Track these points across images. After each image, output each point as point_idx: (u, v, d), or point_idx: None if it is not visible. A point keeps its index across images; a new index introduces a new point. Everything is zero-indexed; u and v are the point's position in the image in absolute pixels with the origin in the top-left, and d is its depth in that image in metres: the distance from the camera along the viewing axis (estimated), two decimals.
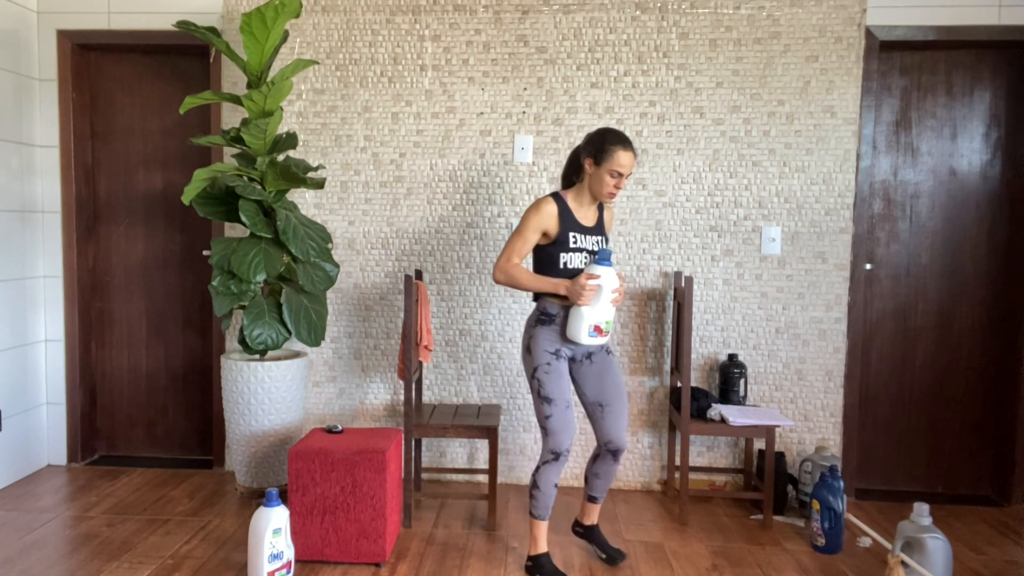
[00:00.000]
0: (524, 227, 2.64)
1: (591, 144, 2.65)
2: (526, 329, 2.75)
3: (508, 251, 2.66)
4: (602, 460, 2.77)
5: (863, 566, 2.88)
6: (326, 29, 3.66)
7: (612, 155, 2.60)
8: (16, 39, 3.62)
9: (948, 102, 3.63)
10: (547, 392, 2.65)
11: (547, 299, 2.70)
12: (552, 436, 2.66)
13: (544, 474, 2.68)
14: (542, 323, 2.70)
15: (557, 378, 2.66)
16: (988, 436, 3.69)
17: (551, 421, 2.65)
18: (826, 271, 3.58)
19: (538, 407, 2.68)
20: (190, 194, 3.10)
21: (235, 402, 3.32)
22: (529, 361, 2.71)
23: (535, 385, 2.68)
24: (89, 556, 2.82)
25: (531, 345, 2.70)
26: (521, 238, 2.65)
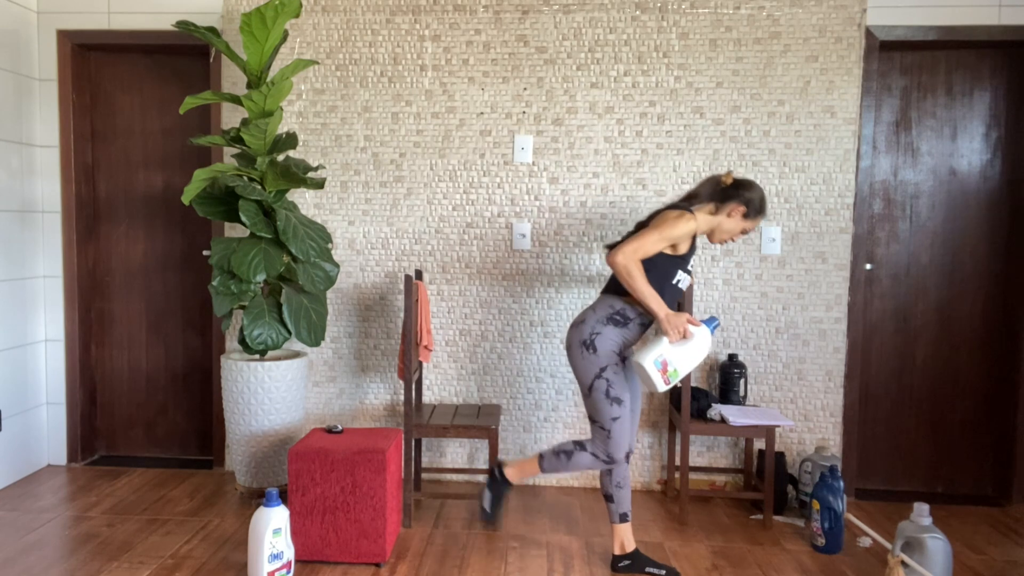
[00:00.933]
0: (664, 230, 2.54)
1: (752, 200, 2.65)
2: (588, 324, 2.64)
3: (639, 243, 2.53)
4: (618, 467, 2.72)
5: (863, 566, 2.88)
6: (326, 29, 3.66)
7: (758, 219, 2.70)
8: (16, 39, 3.62)
9: (948, 102, 3.63)
10: (617, 393, 2.61)
11: (630, 302, 2.64)
12: (614, 441, 2.63)
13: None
14: (616, 323, 2.63)
15: (624, 379, 2.64)
16: (988, 436, 3.69)
17: (619, 424, 2.62)
18: (826, 271, 3.58)
19: (604, 408, 2.61)
20: (190, 194, 3.10)
21: (235, 402, 3.32)
22: (592, 360, 2.62)
23: (602, 385, 2.61)
24: (89, 556, 2.82)
25: (597, 343, 2.61)
26: (657, 238, 2.54)
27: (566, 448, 2.73)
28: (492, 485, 2.86)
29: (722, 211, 2.67)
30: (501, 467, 2.86)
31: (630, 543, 2.77)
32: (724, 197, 2.67)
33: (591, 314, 2.67)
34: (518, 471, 2.83)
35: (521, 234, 3.65)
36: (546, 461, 2.76)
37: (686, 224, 2.58)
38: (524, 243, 3.65)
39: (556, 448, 2.75)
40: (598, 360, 2.62)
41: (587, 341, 2.63)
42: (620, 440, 2.64)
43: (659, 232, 2.55)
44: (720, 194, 2.68)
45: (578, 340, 2.66)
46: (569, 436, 3.68)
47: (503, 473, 2.85)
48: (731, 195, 2.67)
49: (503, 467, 2.86)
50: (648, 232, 2.56)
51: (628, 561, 2.76)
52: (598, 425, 2.66)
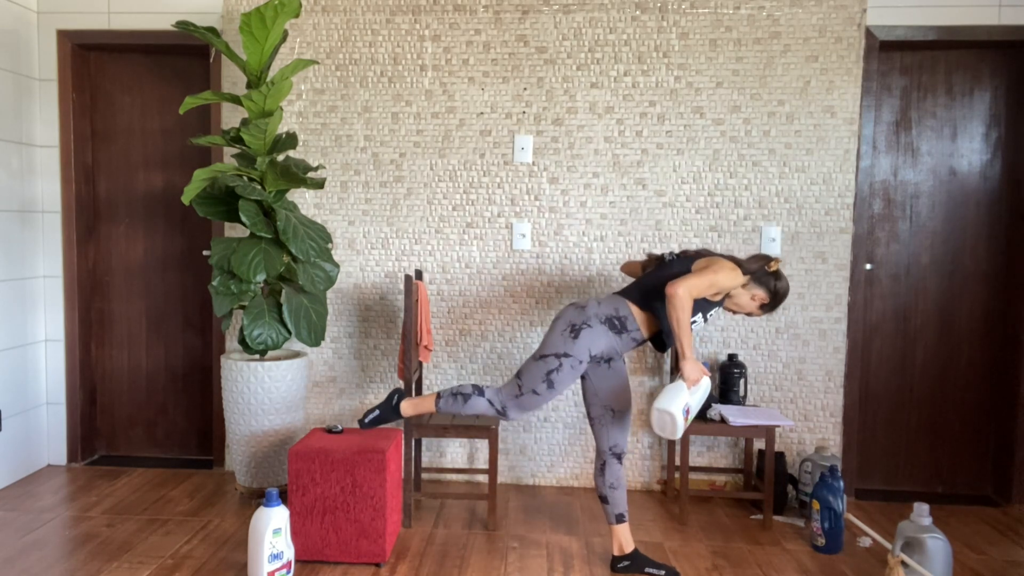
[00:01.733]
0: (720, 278, 2.59)
1: (777, 296, 2.73)
2: (586, 312, 2.66)
3: (699, 282, 2.56)
4: (610, 467, 2.73)
5: (863, 566, 2.88)
6: (326, 29, 3.66)
7: (766, 312, 2.78)
8: (16, 39, 3.62)
9: (948, 102, 3.63)
10: (557, 381, 2.66)
11: (635, 309, 2.67)
12: (519, 403, 2.71)
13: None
14: (612, 327, 2.66)
15: (573, 377, 2.68)
16: (988, 436, 3.69)
17: (535, 398, 2.69)
18: (826, 271, 3.58)
19: (535, 378, 2.67)
20: (190, 194, 3.10)
21: (235, 402, 3.32)
22: (567, 342, 2.64)
23: (553, 364, 2.64)
24: (89, 556, 2.82)
25: (582, 334, 2.64)
26: (710, 282, 2.58)
27: (464, 391, 2.78)
28: (383, 407, 2.90)
29: (750, 288, 2.73)
30: (400, 396, 2.89)
31: (628, 544, 2.77)
32: (760, 279, 2.73)
33: (594, 306, 2.69)
34: (413, 407, 2.88)
35: (521, 234, 3.65)
36: (443, 401, 2.82)
37: (735, 280, 2.65)
38: (524, 243, 3.65)
39: (454, 389, 2.81)
40: (571, 346, 2.65)
41: (576, 326, 2.66)
42: (525, 406, 2.73)
43: (714, 276, 2.60)
44: (759, 273, 2.74)
45: (568, 319, 2.69)
46: (569, 436, 3.69)
47: (399, 404, 2.88)
48: (765, 281, 2.73)
49: (401, 398, 2.89)
50: (706, 274, 2.59)
51: (627, 562, 2.76)
52: (518, 383, 2.72)
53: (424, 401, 2.87)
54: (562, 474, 3.72)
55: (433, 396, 2.85)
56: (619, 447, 2.74)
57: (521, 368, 2.75)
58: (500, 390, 2.77)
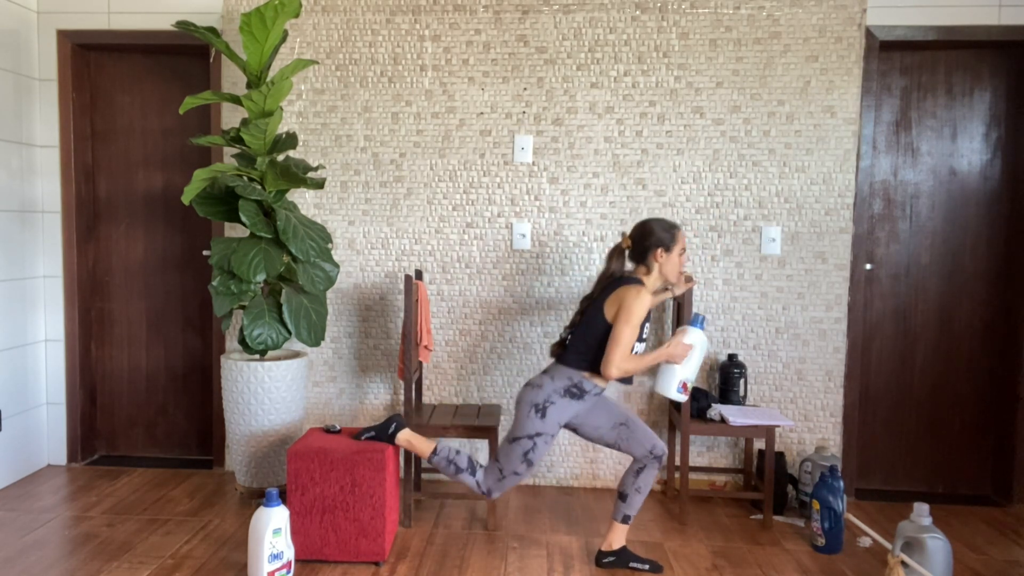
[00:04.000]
0: (633, 319, 2.61)
1: (655, 235, 2.72)
2: (545, 390, 2.72)
3: (623, 347, 2.61)
4: (648, 471, 2.75)
5: (863, 566, 2.88)
6: (326, 29, 3.66)
7: (677, 236, 2.75)
8: (16, 39, 3.62)
9: (948, 102, 3.63)
10: (533, 458, 2.75)
11: (587, 375, 2.72)
12: (500, 484, 2.79)
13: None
14: (572, 396, 2.72)
15: (546, 450, 2.78)
16: (988, 436, 3.69)
17: (515, 478, 2.78)
18: (826, 271, 3.58)
19: (513, 460, 2.75)
20: (190, 194, 3.10)
21: (235, 402, 3.32)
22: (536, 423, 2.71)
23: (527, 445, 2.72)
24: (89, 556, 2.82)
25: (549, 411, 2.71)
26: (632, 332, 2.62)
27: (460, 463, 2.82)
28: (380, 431, 2.88)
29: (653, 263, 2.75)
30: (398, 427, 2.88)
31: (619, 542, 2.81)
32: (641, 254, 2.76)
33: (548, 382, 2.74)
34: (407, 442, 2.87)
35: (521, 234, 3.65)
36: (437, 458, 2.84)
37: (645, 299, 2.65)
38: (524, 243, 3.65)
39: (451, 457, 2.83)
40: (541, 426, 2.72)
41: (540, 406, 2.72)
42: (506, 487, 2.81)
43: (628, 323, 2.62)
44: (637, 255, 2.78)
45: (530, 401, 2.74)
46: (569, 436, 3.68)
47: (396, 433, 2.87)
48: (644, 248, 2.75)
49: (400, 428, 2.88)
50: (623, 330, 2.61)
51: (613, 558, 2.81)
52: (498, 467, 2.79)
53: (420, 444, 2.87)
54: (562, 474, 3.71)
55: (430, 445, 2.86)
56: (658, 448, 2.75)
57: (498, 452, 2.82)
58: (486, 473, 2.82)
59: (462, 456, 2.85)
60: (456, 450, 2.86)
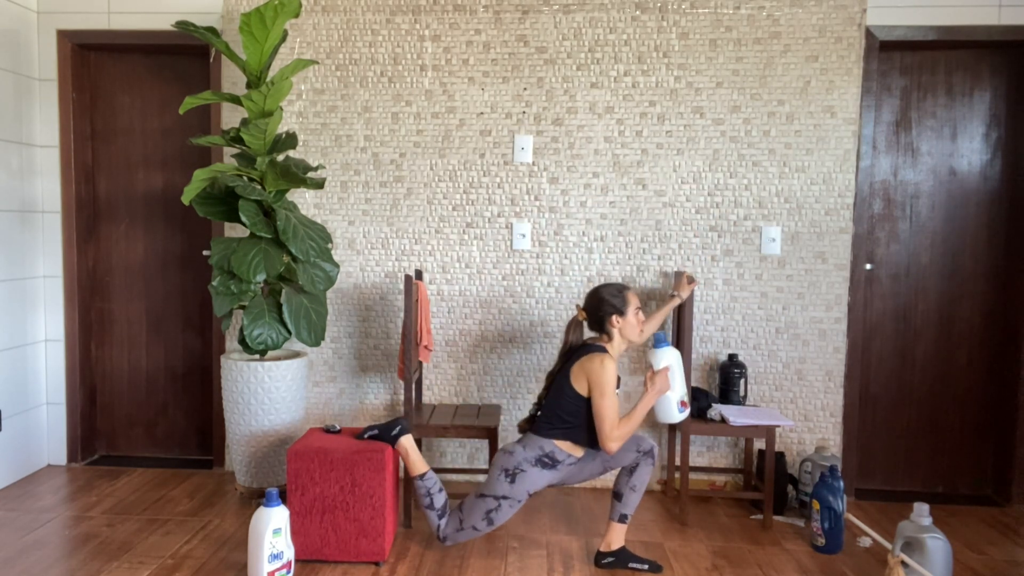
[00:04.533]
0: (607, 390, 2.66)
1: (607, 304, 2.77)
2: (516, 457, 2.74)
3: (610, 418, 2.66)
4: (642, 468, 2.77)
5: (863, 566, 2.88)
6: (326, 29, 3.66)
7: (628, 298, 2.78)
8: (16, 39, 3.62)
9: (948, 102, 3.63)
10: (495, 519, 2.78)
11: (559, 444, 2.74)
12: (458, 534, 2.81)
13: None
14: (544, 465, 2.75)
15: (510, 514, 2.79)
16: (988, 436, 3.69)
17: (472, 532, 2.80)
18: (826, 271, 3.58)
19: (476, 515, 2.78)
20: (190, 194, 3.10)
21: (235, 402, 3.32)
22: (505, 487, 2.75)
23: (491, 504, 2.76)
24: (89, 556, 2.82)
25: (518, 479, 2.74)
26: (611, 400, 2.67)
27: (436, 502, 2.83)
28: (384, 431, 2.89)
29: (612, 330, 2.78)
30: (403, 430, 2.89)
31: (618, 542, 2.81)
32: (599, 324, 2.80)
33: (520, 451, 2.76)
34: (405, 452, 2.89)
35: (521, 234, 3.65)
36: (421, 482, 2.85)
37: (611, 367, 2.69)
38: (524, 243, 3.65)
39: (433, 491, 2.84)
40: (509, 490, 2.75)
41: (510, 471, 2.75)
42: (461, 539, 2.83)
43: (606, 394, 2.67)
44: (595, 325, 2.82)
45: (501, 465, 2.77)
46: None
47: (399, 437, 2.88)
48: (600, 318, 2.79)
49: (403, 432, 2.89)
50: (603, 403, 2.66)
51: (612, 558, 2.80)
52: (460, 515, 2.81)
53: (415, 460, 2.88)
54: None
55: (424, 468, 2.87)
56: (644, 444, 2.78)
57: (463, 502, 2.83)
58: (449, 519, 2.83)
59: (441, 496, 2.86)
60: (440, 487, 2.86)
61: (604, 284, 2.85)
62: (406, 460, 2.89)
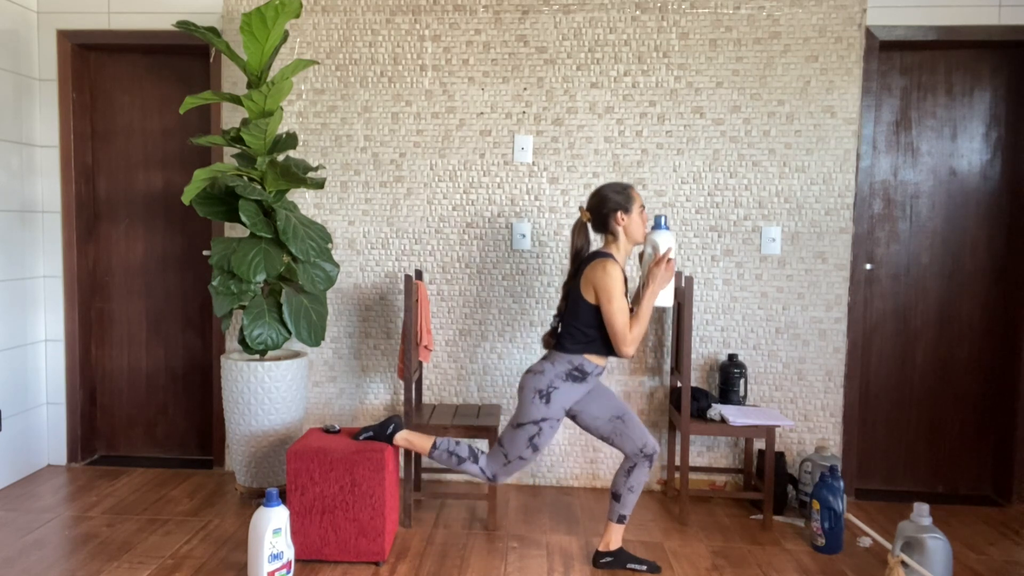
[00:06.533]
0: (614, 294, 2.62)
1: (612, 200, 2.72)
2: (547, 376, 2.72)
3: (620, 322, 2.62)
4: (639, 469, 2.76)
5: (863, 566, 2.88)
6: (326, 29, 3.66)
7: (633, 196, 2.73)
8: (16, 39, 3.62)
9: (948, 102, 3.63)
10: (539, 443, 2.75)
11: (588, 357, 2.72)
12: (506, 469, 2.79)
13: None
14: (575, 379, 2.72)
15: (553, 434, 2.78)
16: (988, 436, 3.69)
17: (521, 463, 2.79)
18: (826, 271, 3.58)
19: (519, 445, 2.75)
20: (190, 194, 3.10)
21: (235, 402, 3.32)
22: (541, 409, 2.71)
23: (532, 431, 2.73)
24: (89, 556, 2.82)
25: (553, 396, 2.71)
26: (620, 306, 2.63)
27: (460, 453, 2.83)
28: (378, 432, 2.89)
29: (616, 229, 2.74)
30: (396, 427, 2.89)
31: (616, 542, 2.81)
32: (602, 223, 2.76)
33: (550, 367, 2.74)
34: (407, 442, 2.88)
35: (521, 234, 3.65)
36: (437, 452, 2.85)
37: (614, 271, 2.65)
38: (524, 243, 3.65)
39: (452, 448, 2.83)
40: (546, 411, 2.72)
41: (544, 391, 2.72)
42: (511, 472, 2.82)
43: (613, 299, 2.63)
44: (598, 225, 2.78)
45: (534, 386, 2.73)
46: (569, 436, 3.68)
47: (394, 434, 2.88)
48: (604, 216, 2.74)
49: (398, 429, 2.89)
50: (610, 308, 2.62)
51: (611, 558, 2.80)
52: (503, 451, 2.79)
53: (419, 441, 2.88)
54: (562, 474, 3.71)
55: (429, 440, 2.87)
56: (649, 446, 2.76)
57: (502, 437, 2.81)
58: (489, 459, 2.82)
59: (462, 446, 2.85)
60: (455, 441, 2.86)
61: (608, 183, 2.78)
62: (412, 448, 2.89)
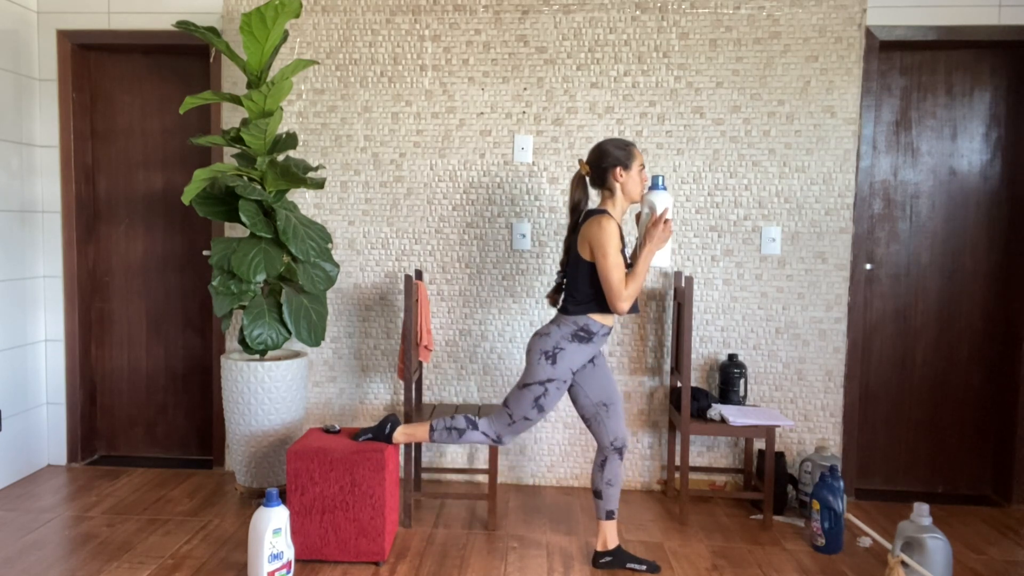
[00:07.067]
0: (609, 250, 2.59)
1: (612, 155, 2.69)
2: (553, 337, 2.70)
3: (615, 278, 2.59)
4: (611, 463, 2.76)
5: (863, 566, 2.88)
6: (326, 29, 3.66)
7: (634, 153, 2.70)
8: (16, 39, 3.62)
9: (948, 102, 3.63)
10: (545, 404, 2.74)
11: (592, 316, 2.70)
12: (512, 429, 2.80)
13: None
14: (580, 340, 2.70)
15: (559, 397, 2.76)
16: (988, 436, 3.69)
17: (526, 424, 2.78)
18: (826, 271, 3.58)
19: (524, 406, 2.74)
20: (190, 194, 3.10)
21: (235, 402, 3.32)
22: (547, 370, 2.70)
23: (538, 391, 2.71)
24: (89, 556, 2.82)
25: (559, 357, 2.69)
26: (615, 261, 2.60)
27: (458, 425, 2.83)
28: (376, 432, 2.89)
29: (615, 184, 2.71)
30: (394, 425, 2.89)
31: (613, 540, 2.80)
32: (601, 177, 2.72)
33: (555, 329, 2.72)
34: (406, 436, 2.89)
35: (521, 234, 3.65)
36: (436, 433, 2.85)
37: (609, 227, 2.62)
38: (524, 243, 3.65)
39: (448, 424, 2.84)
40: (553, 372, 2.71)
41: (550, 352, 2.70)
42: (517, 432, 2.82)
43: (608, 255, 2.60)
44: (597, 180, 2.74)
45: (540, 348, 2.72)
46: (569, 436, 3.68)
47: (392, 432, 2.88)
48: (603, 170, 2.71)
49: (395, 427, 2.89)
50: (605, 264, 2.60)
51: (609, 557, 2.79)
52: (508, 411, 2.79)
53: (417, 431, 2.88)
54: (562, 474, 3.71)
55: (426, 427, 2.87)
56: (619, 439, 2.76)
57: (507, 398, 2.80)
58: (491, 421, 2.82)
59: (458, 419, 2.85)
60: (450, 416, 2.86)
61: (610, 138, 2.75)
62: (413, 439, 2.89)
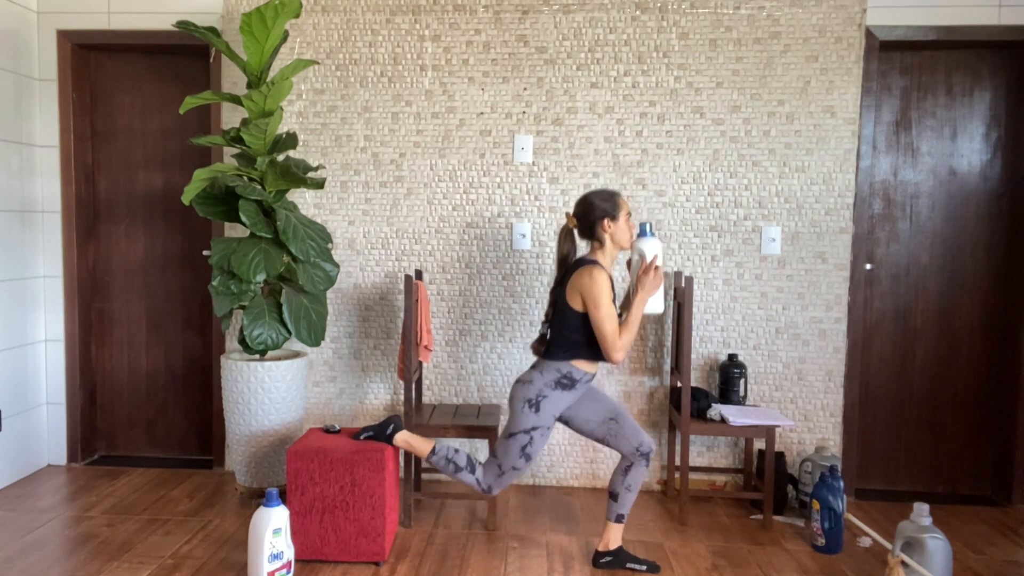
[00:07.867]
0: (601, 301, 2.61)
1: (599, 208, 2.70)
2: (536, 385, 2.71)
3: (610, 329, 2.61)
4: (636, 468, 2.76)
5: (863, 566, 2.88)
6: (326, 29, 3.66)
7: (619, 203, 2.72)
8: (16, 39, 3.62)
9: (948, 102, 3.63)
10: (532, 452, 2.76)
11: (575, 364, 2.71)
12: (500, 481, 2.81)
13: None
14: (564, 387, 2.72)
15: (545, 442, 2.78)
16: (988, 436, 3.69)
17: (515, 473, 2.79)
18: (826, 271, 3.58)
19: (512, 455, 2.76)
20: (190, 194, 3.10)
21: (235, 402, 3.32)
22: (531, 418, 2.72)
23: (524, 440, 2.73)
24: (89, 556, 2.82)
25: (542, 405, 2.71)
26: (608, 312, 2.62)
27: (459, 462, 2.84)
28: (378, 432, 2.89)
29: (603, 235, 2.72)
30: (396, 427, 2.89)
31: (616, 542, 2.81)
32: (589, 230, 2.74)
33: (538, 376, 2.73)
34: (406, 443, 2.88)
35: (521, 234, 3.65)
36: (436, 458, 2.85)
37: (600, 278, 2.64)
38: (524, 243, 3.65)
39: (450, 456, 2.84)
40: (537, 419, 2.72)
41: (533, 400, 2.72)
42: (505, 483, 2.83)
43: (601, 306, 2.61)
44: (585, 232, 2.76)
45: (523, 396, 2.73)
46: (569, 436, 3.68)
47: (394, 434, 2.88)
48: (590, 223, 2.73)
49: (397, 429, 2.89)
50: (599, 316, 2.61)
51: (610, 558, 2.80)
52: (497, 463, 2.81)
53: (419, 444, 2.88)
54: (562, 474, 3.72)
55: (428, 446, 2.86)
56: (645, 445, 2.76)
57: (496, 448, 2.81)
58: (485, 470, 2.83)
59: (461, 455, 2.85)
60: (455, 449, 2.86)
61: (595, 190, 2.76)
62: (410, 450, 2.89)
